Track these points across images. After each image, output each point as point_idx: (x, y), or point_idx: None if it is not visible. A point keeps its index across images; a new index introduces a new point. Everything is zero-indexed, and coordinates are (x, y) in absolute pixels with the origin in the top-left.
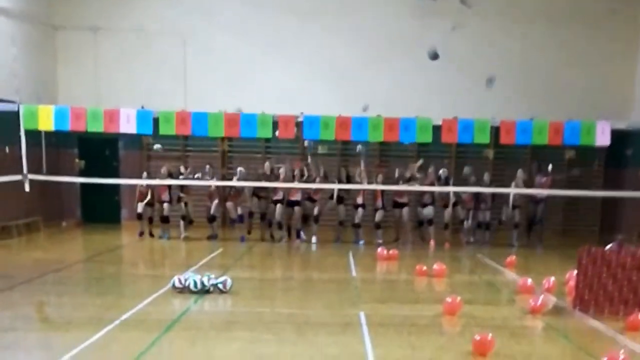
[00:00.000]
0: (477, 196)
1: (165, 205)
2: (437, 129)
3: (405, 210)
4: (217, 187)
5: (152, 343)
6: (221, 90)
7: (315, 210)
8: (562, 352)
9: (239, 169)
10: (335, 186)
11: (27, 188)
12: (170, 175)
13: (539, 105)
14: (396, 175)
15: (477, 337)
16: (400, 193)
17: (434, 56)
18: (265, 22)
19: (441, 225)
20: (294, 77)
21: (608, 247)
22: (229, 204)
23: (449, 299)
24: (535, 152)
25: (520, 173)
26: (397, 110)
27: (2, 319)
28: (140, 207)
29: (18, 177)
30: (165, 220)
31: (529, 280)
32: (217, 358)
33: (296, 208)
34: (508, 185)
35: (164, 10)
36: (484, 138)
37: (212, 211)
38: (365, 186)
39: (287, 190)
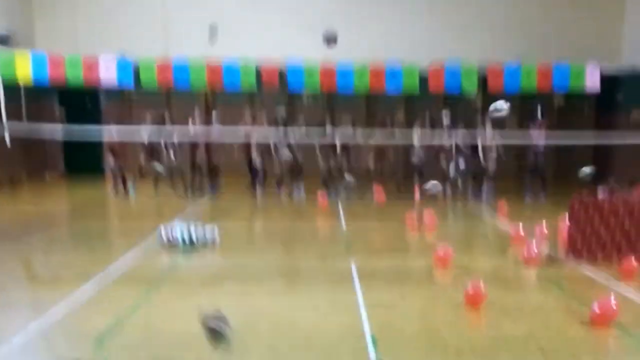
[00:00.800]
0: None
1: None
2: (423, 80)
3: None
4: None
5: (141, 297)
6: (203, 34)
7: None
8: (556, 301)
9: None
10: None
11: (7, 141)
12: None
13: (526, 50)
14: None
15: (469, 288)
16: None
17: (330, 41)
18: None
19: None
20: (277, 24)
21: (600, 190)
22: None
23: (439, 250)
24: (523, 100)
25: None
26: (383, 55)
27: None
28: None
29: None
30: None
31: (521, 229)
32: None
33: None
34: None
35: None
36: (471, 85)
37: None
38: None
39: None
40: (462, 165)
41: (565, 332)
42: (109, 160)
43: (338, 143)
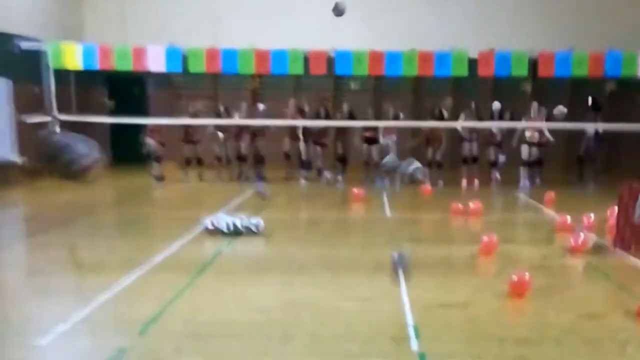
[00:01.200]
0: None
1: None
2: (472, 63)
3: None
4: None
5: (185, 286)
6: (251, 26)
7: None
8: (603, 292)
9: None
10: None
11: (57, 129)
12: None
13: (578, 36)
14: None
15: (514, 277)
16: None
17: (339, 12)
18: None
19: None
20: (327, 11)
21: None
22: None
23: (485, 238)
24: (574, 85)
25: (559, 109)
26: (432, 43)
27: (35, 262)
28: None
29: (48, 118)
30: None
31: (568, 218)
32: (250, 301)
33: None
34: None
35: None
36: (522, 71)
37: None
38: (393, 123)
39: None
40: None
41: (611, 322)
42: (154, 146)
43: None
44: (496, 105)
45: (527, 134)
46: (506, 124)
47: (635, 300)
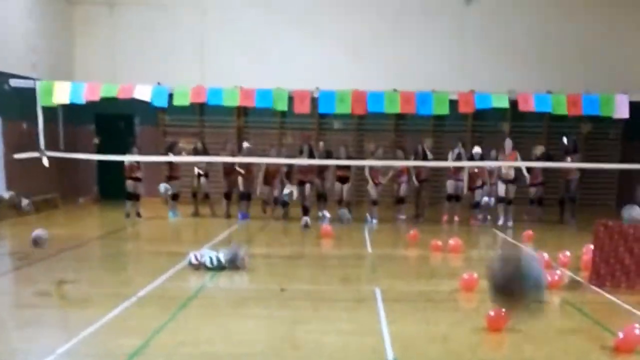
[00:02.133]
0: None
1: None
2: (453, 103)
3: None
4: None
5: (169, 319)
6: (238, 65)
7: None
8: (579, 327)
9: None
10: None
11: (45, 163)
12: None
13: (556, 78)
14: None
15: (491, 313)
16: (421, 170)
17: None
18: None
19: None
20: (311, 51)
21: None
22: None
23: (465, 275)
24: (551, 125)
25: (539, 149)
26: (413, 84)
27: (22, 296)
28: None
29: (36, 154)
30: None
31: (545, 255)
32: (233, 334)
33: (307, 186)
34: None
35: None
36: (503, 103)
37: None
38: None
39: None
40: (501, 192)
41: (587, 357)
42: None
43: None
44: (477, 149)
45: (503, 170)
46: (489, 164)
47: (611, 335)
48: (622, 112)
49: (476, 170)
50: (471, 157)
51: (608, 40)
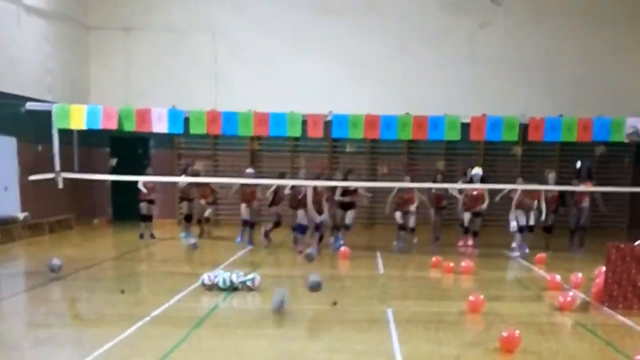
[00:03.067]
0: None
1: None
2: (465, 127)
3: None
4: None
5: (182, 339)
6: (251, 89)
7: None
8: (591, 348)
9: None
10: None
11: (60, 185)
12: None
13: (567, 102)
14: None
15: (505, 334)
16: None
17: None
18: (295, 19)
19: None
20: (324, 75)
21: (638, 242)
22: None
23: (471, 297)
24: (564, 148)
25: (551, 176)
26: (425, 107)
27: (37, 315)
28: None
29: (51, 175)
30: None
31: (558, 277)
32: (245, 354)
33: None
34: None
35: (194, 7)
36: (512, 136)
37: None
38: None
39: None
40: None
41: None
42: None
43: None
44: (476, 171)
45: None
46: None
47: (622, 357)
48: (632, 137)
49: (475, 192)
50: (470, 180)
51: (619, 63)
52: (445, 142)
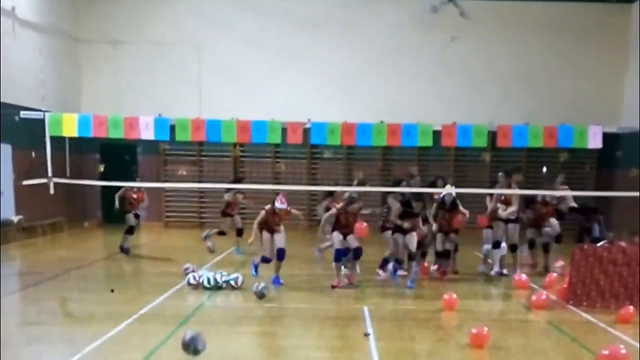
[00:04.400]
0: None
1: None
2: (437, 134)
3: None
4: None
5: (169, 336)
6: (234, 98)
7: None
8: (557, 344)
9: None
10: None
11: (51, 190)
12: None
13: (533, 111)
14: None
15: (474, 330)
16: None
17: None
18: (276, 33)
19: None
20: (303, 86)
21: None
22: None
23: (446, 296)
24: (530, 155)
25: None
26: (400, 116)
27: (29, 314)
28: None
29: (43, 180)
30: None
31: (524, 276)
32: (228, 350)
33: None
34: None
35: (180, 22)
36: (482, 142)
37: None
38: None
39: None
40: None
41: None
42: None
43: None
44: (448, 190)
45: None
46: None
47: (587, 352)
48: (595, 142)
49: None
50: (442, 203)
51: (583, 75)
52: (418, 149)
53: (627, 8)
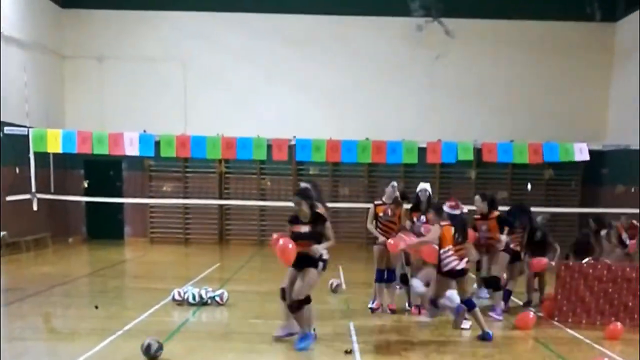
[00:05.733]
0: None
1: None
2: (422, 151)
3: None
4: None
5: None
6: (219, 114)
7: None
8: None
9: None
10: None
11: (34, 206)
12: None
13: (519, 129)
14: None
15: None
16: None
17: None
18: (262, 49)
19: None
20: (289, 102)
21: (585, 260)
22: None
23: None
24: (515, 172)
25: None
26: (385, 133)
27: (13, 329)
28: None
29: (27, 196)
30: None
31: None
32: None
33: None
34: None
35: (165, 38)
36: (467, 156)
37: None
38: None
39: None
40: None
41: None
42: None
43: None
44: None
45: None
46: None
47: None
48: (582, 156)
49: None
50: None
51: (567, 93)
52: (403, 166)
53: (611, 26)
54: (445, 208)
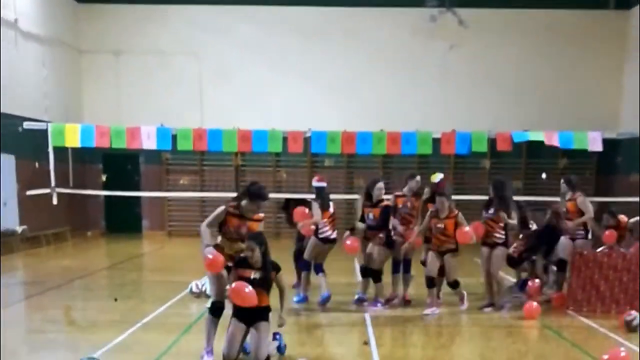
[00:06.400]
0: None
1: None
2: (436, 141)
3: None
4: None
5: (172, 344)
6: (234, 107)
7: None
8: (557, 349)
9: None
10: None
11: (54, 201)
12: None
13: (533, 118)
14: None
15: None
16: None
17: None
18: (277, 42)
19: None
20: (304, 95)
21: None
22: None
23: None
24: (529, 162)
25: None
26: (400, 124)
27: (33, 322)
28: None
29: (47, 191)
30: None
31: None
32: None
33: None
34: None
35: (180, 32)
36: (482, 148)
37: None
38: None
39: None
40: None
41: None
42: None
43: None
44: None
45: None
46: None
47: (589, 357)
48: (596, 146)
49: (440, 225)
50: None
51: (581, 81)
52: (418, 157)
53: (624, 14)
54: None
